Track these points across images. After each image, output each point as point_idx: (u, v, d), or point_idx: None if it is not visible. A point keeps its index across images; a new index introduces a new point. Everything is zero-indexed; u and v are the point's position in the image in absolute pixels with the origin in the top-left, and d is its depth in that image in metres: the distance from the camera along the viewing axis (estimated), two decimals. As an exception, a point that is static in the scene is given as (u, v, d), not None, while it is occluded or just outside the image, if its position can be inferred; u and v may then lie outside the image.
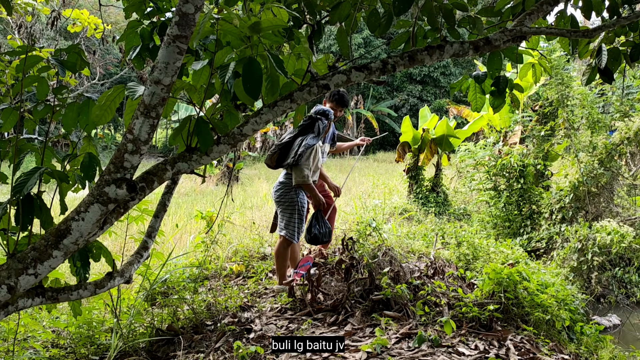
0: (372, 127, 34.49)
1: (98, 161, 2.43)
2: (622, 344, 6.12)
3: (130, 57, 3.07)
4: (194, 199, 13.67)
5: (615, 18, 3.20)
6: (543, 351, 4.17)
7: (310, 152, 5.34)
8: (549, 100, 10.05)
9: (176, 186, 2.95)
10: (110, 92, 2.26)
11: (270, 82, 2.39)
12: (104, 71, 27.78)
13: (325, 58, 2.72)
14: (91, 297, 2.81)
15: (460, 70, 36.20)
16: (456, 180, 13.41)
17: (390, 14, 2.93)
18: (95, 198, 1.96)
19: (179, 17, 1.92)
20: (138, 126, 1.98)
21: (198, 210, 6.63)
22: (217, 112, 2.69)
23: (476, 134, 14.17)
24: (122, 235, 4.90)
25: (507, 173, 9.86)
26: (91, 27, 6.59)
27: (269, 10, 2.63)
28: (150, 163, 3.43)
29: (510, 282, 4.76)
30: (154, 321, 4.49)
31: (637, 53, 3.55)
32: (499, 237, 9.20)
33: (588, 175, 8.75)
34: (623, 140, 8.75)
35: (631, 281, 7.84)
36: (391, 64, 2.42)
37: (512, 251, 6.67)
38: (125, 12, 3.11)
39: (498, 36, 2.55)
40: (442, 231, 7.58)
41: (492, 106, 3.44)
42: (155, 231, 2.84)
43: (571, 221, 8.70)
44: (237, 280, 6.11)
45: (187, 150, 2.23)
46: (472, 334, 4.38)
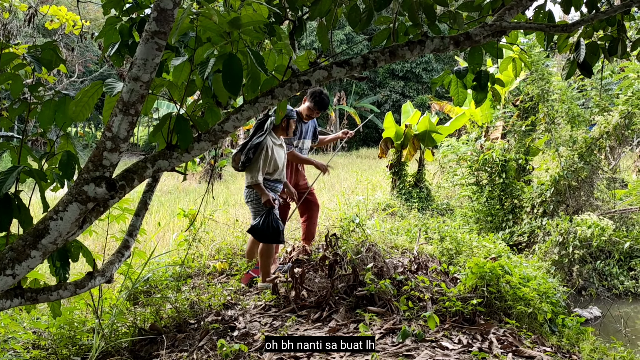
0: (355, 123, 34.53)
1: (77, 159, 2.39)
2: (603, 336, 6.20)
3: (108, 53, 3.03)
4: (176, 197, 13.58)
5: (593, 12, 3.23)
6: (525, 344, 4.21)
7: (259, 151, 5.32)
8: (530, 95, 10.14)
9: (157, 184, 2.93)
10: (87, 88, 2.23)
11: (251, 78, 2.38)
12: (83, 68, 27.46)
13: (307, 54, 2.71)
14: (72, 297, 2.78)
15: (442, 66, 36.37)
16: (439, 175, 13.49)
17: (371, 9, 2.92)
18: (73, 197, 1.94)
19: (157, 13, 1.89)
20: (117, 124, 1.95)
21: (180, 208, 6.58)
22: (198, 109, 2.67)
23: (458, 129, 14.24)
24: (103, 234, 4.85)
25: (489, 168, 9.93)
26: (69, 24, 6.48)
27: (249, 6, 2.61)
28: (132, 160, 3.40)
29: (492, 276, 4.80)
30: (136, 320, 4.45)
31: (615, 47, 3.59)
32: (481, 232, 9.27)
33: (568, 169, 8.85)
34: (602, 135, 8.87)
35: (611, 273, 7.96)
36: (372, 59, 2.42)
37: (495, 245, 6.72)
38: (103, 8, 3.06)
39: (478, 31, 2.56)
40: (425, 226, 7.62)
41: (475, 100, 3.46)
42: (136, 230, 2.81)
43: (552, 215, 8.80)
44: (220, 278, 6.08)
45: (167, 147, 2.21)
46: (456, 328, 4.41)
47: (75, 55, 22.48)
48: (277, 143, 5.53)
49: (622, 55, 3.65)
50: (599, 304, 7.50)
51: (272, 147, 5.41)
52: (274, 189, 5.62)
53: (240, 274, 5.96)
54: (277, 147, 5.52)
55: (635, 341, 6.16)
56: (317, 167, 6.33)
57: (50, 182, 2.42)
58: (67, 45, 20.80)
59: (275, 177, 5.55)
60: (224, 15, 2.31)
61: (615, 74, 9.65)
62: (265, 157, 5.34)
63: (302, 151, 6.34)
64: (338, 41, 34.13)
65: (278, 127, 5.56)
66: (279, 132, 5.61)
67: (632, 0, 2.95)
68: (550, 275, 6.84)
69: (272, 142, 5.44)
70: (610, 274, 7.98)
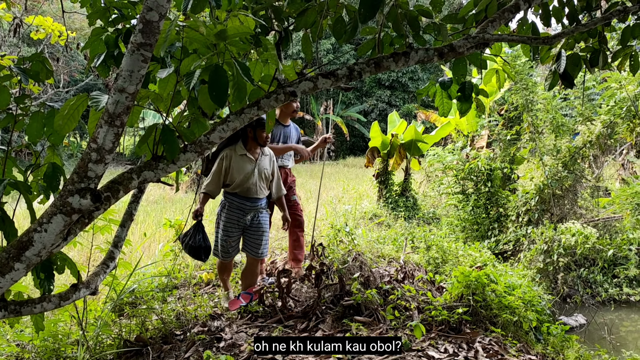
0: (342, 132, 34.63)
1: (62, 171, 2.38)
2: (588, 343, 6.25)
3: (94, 64, 3.03)
4: (163, 207, 13.51)
5: (574, 25, 3.29)
6: (511, 352, 4.24)
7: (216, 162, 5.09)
8: (514, 105, 10.25)
9: (143, 195, 2.92)
10: (73, 100, 2.22)
11: (237, 89, 2.39)
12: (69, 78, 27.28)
13: (293, 65, 2.72)
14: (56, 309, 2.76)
15: (428, 76, 36.64)
16: (425, 184, 13.56)
17: (356, 21, 2.95)
18: (58, 209, 1.93)
19: (142, 24, 1.90)
20: (102, 135, 1.95)
21: (167, 219, 6.56)
22: (184, 120, 2.67)
23: (444, 138, 14.36)
24: (88, 245, 4.81)
25: (475, 177, 10.00)
26: (55, 34, 6.46)
27: (236, 18, 2.62)
28: (118, 170, 3.39)
29: (478, 285, 4.83)
30: (121, 332, 4.41)
31: (597, 58, 3.66)
32: (467, 240, 9.32)
33: (553, 177, 8.94)
34: (586, 144, 8.98)
35: (596, 281, 8.03)
36: (357, 70, 2.44)
37: (480, 254, 6.76)
38: (89, 19, 3.06)
39: (462, 43, 2.59)
40: (412, 235, 7.64)
41: (460, 111, 3.49)
42: (121, 241, 2.80)
43: (537, 223, 8.87)
44: (206, 288, 6.06)
45: (153, 158, 2.21)
46: (442, 337, 4.43)
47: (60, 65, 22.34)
48: (240, 154, 5.09)
49: (604, 66, 3.72)
50: (584, 312, 7.56)
51: (230, 157, 5.05)
52: (240, 206, 5.14)
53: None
54: (239, 158, 5.08)
55: (619, 348, 6.21)
56: (298, 152, 6.02)
57: (37, 195, 2.41)
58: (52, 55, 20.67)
59: (235, 190, 5.11)
60: (211, 27, 2.33)
61: (598, 84, 9.79)
62: (219, 168, 5.04)
63: (289, 157, 6.04)
64: (325, 51, 34.27)
65: (246, 137, 5.15)
66: (248, 143, 5.15)
67: (611, 13, 3.01)
68: (535, 283, 6.89)
69: (232, 152, 5.08)
70: (594, 282, 8.05)
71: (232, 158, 5.07)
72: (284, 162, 5.99)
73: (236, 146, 5.10)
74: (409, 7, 3.08)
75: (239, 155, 5.09)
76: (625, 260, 8.10)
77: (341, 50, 34.78)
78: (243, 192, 5.10)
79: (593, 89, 10.42)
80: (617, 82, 8.80)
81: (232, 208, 5.13)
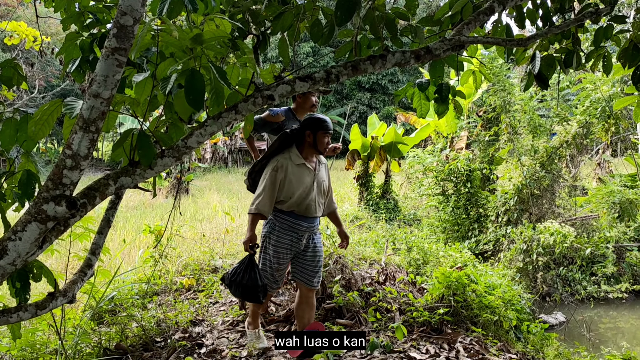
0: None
1: (37, 178, 2.34)
2: (568, 341, 6.33)
3: (69, 70, 3.00)
4: (142, 213, 13.39)
5: (547, 27, 3.33)
6: (491, 351, 4.27)
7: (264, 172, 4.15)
8: (492, 106, 10.36)
9: (120, 201, 2.89)
10: (46, 106, 2.19)
11: (214, 93, 2.37)
12: (45, 84, 26.94)
13: (272, 68, 2.72)
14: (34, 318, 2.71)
15: (408, 78, 36.87)
16: (406, 186, 13.63)
17: (333, 24, 2.96)
18: (33, 216, 1.90)
19: (117, 29, 1.88)
20: (77, 141, 1.92)
21: (146, 225, 6.49)
22: (162, 125, 2.65)
23: (424, 140, 14.46)
24: (66, 253, 4.74)
25: (455, 178, 10.08)
26: (29, 39, 6.37)
27: (212, 22, 2.61)
28: (97, 176, 3.35)
29: (459, 285, 4.86)
30: (101, 340, 4.36)
31: (571, 59, 3.71)
32: (448, 241, 9.39)
33: (531, 177, 9.06)
34: (562, 144, 9.11)
35: (575, 279, 8.14)
36: (335, 73, 2.44)
37: (461, 254, 6.81)
38: (62, 24, 3.03)
39: (438, 45, 2.61)
40: (393, 237, 7.67)
41: (437, 112, 3.52)
42: (99, 248, 2.76)
43: (516, 223, 8.97)
44: (187, 294, 6.01)
45: (130, 164, 2.19)
46: (423, 338, 4.45)
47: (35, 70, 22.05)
48: (297, 163, 4.14)
49: (578, 67, 3.77)
50: (564, 309, 7.66)
51: (286, 168, 4.08)
52: (294, 228, 4.16)
53: (207, 290, 5.89)
54: (296, 169, 4.12)
55: (598, 345, 6.29)
56: None
57: (11, 203, 2.37)
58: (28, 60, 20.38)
59: (291, 208, 4.13)
60: (186, 30, 2.31)
61: (573, 85, 9.95)
62: (272, 180, 4.05)
63: None
64: (304, 54, 34.30)
65: (304, 143, 4.21)
66: (305, 150, 4.21)
67: (584, 15, 3.06)
68: (515, 283, 6.96)
69: (287, 161, 4.11)
70: (573, 280, 8.16)
71: (289, 169, 4.09)
72: None
73: (290, 153, 4.16)
74: (385, 9, 3.10)
75: (296, 165, 4.13)
76: (602, 258, 8.23)
77: (321, 52, 34.86)
78: (301, 210, 4.14)
79: (569, 89, 10.58)
80: (593, 83, 8.94)
81: (284, 230, 4.14)
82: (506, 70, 9.99)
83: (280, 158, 4.10)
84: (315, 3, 3.07)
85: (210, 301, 5.62)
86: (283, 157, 4.11)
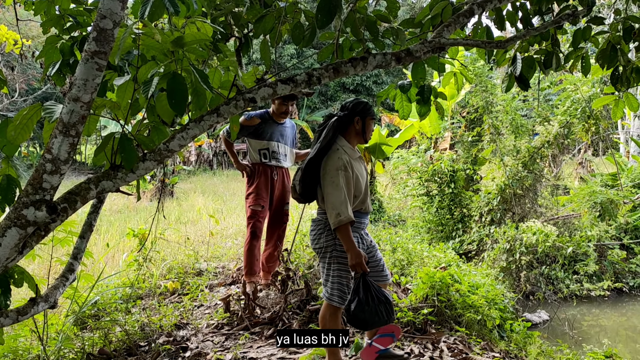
0: (308, 137, 34.66)
1: (18, 183, 2.32)
2: (551, 339, 6.40)
3: (50, 73, 2.98)
4: (126, 216, 13.30)
5: (526, 29, 3.37)
6: (475, 351, 4.30)
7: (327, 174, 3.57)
8: (475, 107, 10.45)
9: (102, 205, 2.87)
10: (26, 110, 2.18)
11: (196, 96, 2.37)
12: (26, 87, 26.64)
13: (254, 70, 2.72)
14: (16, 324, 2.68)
15: (392, 79, 36.99)
16: (390, 187, 13.67)
17: (314, 26, 2.97)
18: (12, 222, 1.89)
19: (96, 32, 1.88)
20: (57, 145, 1.91)
21: (130, 228, 6.46)
22: (144, 128, 2.64)
23: (408, 141, 14.52)
24: (48, 258, 4.70)
25: (439, 178, 10.14)
26: (10, 43, 6.32)
27: (193, 25, 2.61)
28: (80, 180, 3.32)
29: (443, 285, 4.89)
30: (84, 346, 4.32)
31: (550, 60, 3.76)
32: (432, 242, 9.44)
33: (513, 177, 9.14)
34: (544, 144, 9.21)
35: (557, 278, 8.24)
36: (316, 76, 2.46)
37: (445, 255, 6.85)
38: (42, 27, 3.02)
39: (418, 47, 2.63)
40: (378, 238, 7.69)
41: (419, 114, 3.55)
42: (81, 252, 2.75)
43: (499, 223, 9.05)
44: (172, 298, 5.98)
45: (111, 168, 2.18)
46: (408, 338, 4.47)
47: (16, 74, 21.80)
48: (356, 156, 3.73)
49: (557, 68, 3.83)
50: (547, 308, 7.74)
51: (350, 163, 3.62)
52: (358, 228, 3.71)
53: (192, 293, 5.86)
54: (356, 162, 3.71)
55: (580, 342, 6.37)
56: (238, 168, 5.54)
57: (-10, 208, 2.35)
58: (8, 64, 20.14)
59: (358, 207, 3.69)
60: (168, 33, 2.31)
61: (554, 86, 10.07)
62: (345, 180, 3.54)
63: (280, 157, 5.53)
64: (288, 55, 34.28)
65: (350, 131, 3.75)
66: (353, 139, 3.77)
67: (562, 17, 3.10)
68: (498, 282, 7.01)
69: (346, 156, 3.62)
70: (556, 278, 8.26)
71: (352, 164, 3.64)
72: (280, 162, 5.54)
73: (342, 147, 3.67)
74: (367, 12, 3.12)
75: (356, 158, 3.72)
76: (584, 257, 8.34)
77: (305, 54, 34.89)
78: (365, 207, 3.75)
79: (550, 89, 10.70)
80: (573, 84, 9.05)
81: (352, 232, 3.55)
82: (488, 71, 10.08)
83: (339, 155, 3.58)
84: (296, 6, 3.08)
85: (195, 304, 5.60)
86: (338, 153, 3.59)
